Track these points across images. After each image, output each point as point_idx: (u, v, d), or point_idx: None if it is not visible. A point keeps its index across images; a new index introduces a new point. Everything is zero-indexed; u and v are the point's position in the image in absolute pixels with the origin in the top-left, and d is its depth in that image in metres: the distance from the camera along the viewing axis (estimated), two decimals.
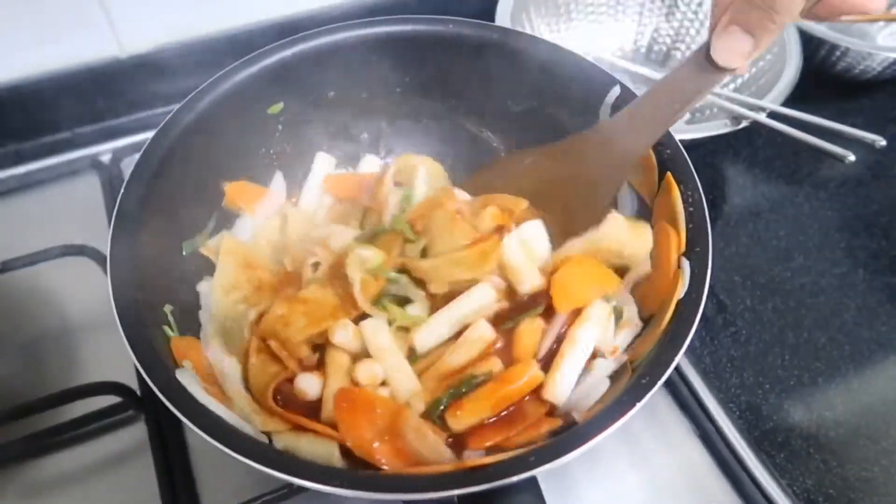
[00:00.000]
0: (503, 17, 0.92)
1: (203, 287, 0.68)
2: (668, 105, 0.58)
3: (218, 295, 0.66)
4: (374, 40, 0.72)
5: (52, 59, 0.89)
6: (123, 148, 0.92)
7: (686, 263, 0.54)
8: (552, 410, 0.58)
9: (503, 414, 0.57)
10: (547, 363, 0.59)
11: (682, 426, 0.72)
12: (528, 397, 0.58)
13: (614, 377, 0.57)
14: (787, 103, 0.86)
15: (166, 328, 0.59)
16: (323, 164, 0.77)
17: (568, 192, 0.67)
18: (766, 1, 0.47)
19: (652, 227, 0.61)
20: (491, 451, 0.54)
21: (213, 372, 0.60)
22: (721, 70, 0.53)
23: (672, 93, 0.57)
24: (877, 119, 1.02)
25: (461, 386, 0.58)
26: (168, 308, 0.61)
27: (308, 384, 0.60)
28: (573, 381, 0.58)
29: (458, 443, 0.57)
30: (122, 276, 0.54)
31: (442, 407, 0.57)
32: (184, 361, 0.56)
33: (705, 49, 0.53)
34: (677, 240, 0.55)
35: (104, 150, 0.93)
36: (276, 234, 0.73)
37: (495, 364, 0.59)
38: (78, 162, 0.92)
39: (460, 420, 0.56)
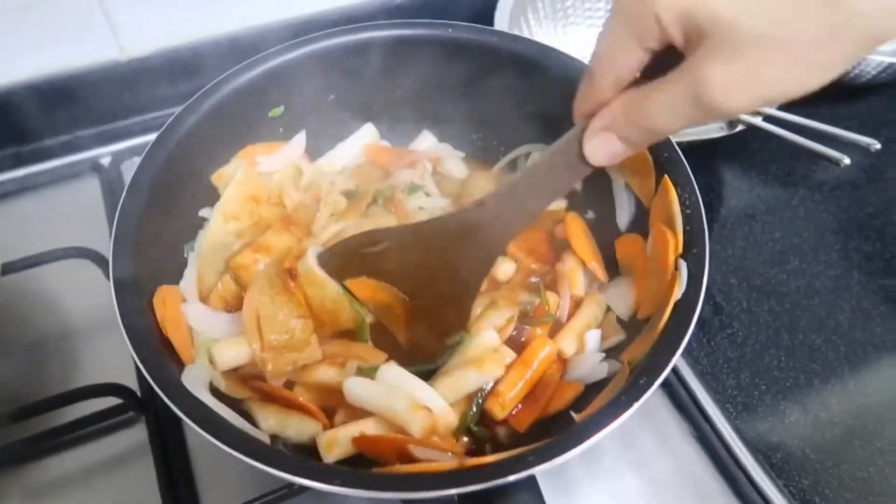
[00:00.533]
0: (502, 21, 0.93)
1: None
2: (539, 192, 0.55)
3: (217, 222, 0.68)
4: (374, 44, 0.73)
5: (52, 63, 0.90)
6: (123, 151, 0.92)
7: (683, 265, 0.54)
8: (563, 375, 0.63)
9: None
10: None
11: (680, 427, 0.72)
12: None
13: (612, 377, 0.58)
14: (782, 107, 0.87)
15: None
16: (367, 132, 0.80)
17: (430, 282, 0.63)
18: (646, 126, 0.44)
19: (650, 228, 0.61)
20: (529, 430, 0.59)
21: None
22: (591, 165, 0.50)
23: (544, 180, 0.54)
24: (872, 122, 1.03)
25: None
26: None
27: None
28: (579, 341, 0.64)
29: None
30: (125, 278, 0.55)
31: (474, 409, 0.59)
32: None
33: (576, 139, 0.49)
34: (674, 242, 0.56)
35: (104, 153, 0.93)
36: (288, 179, 0.75)
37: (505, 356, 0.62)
38: (78, 165, 0.92)
39: (504, 406, 0.59)
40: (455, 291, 0.62)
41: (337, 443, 0.56)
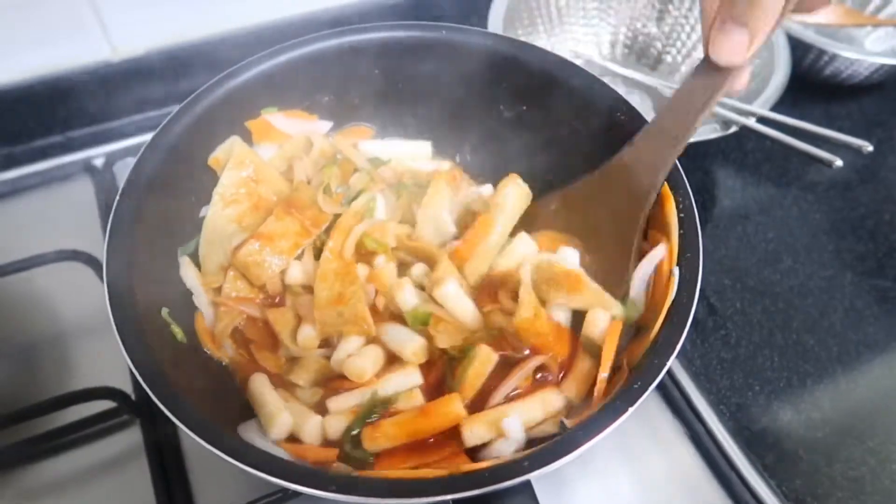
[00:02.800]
0: (496, 21, 0.93)
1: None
2: (682, 119, 0.58)
3: (217, 207, 0.67)
4: (368, 46, 0.72)
5: (44, 63, 0.89)
6: (116, 151, 0.92)
7: (676, 271, 0.54)
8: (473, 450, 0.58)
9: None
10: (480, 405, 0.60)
11: (674, 427, 0.73)
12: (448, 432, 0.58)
13: (610, 377, 0.57)
14: (776, 108, 0.87)
15: (173, 328, 0.61)
16: (419, 147, 0.79)
17: (599, 230, 0.66)
18: None
19: (645, 235, 0.62)
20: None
21: None
22: (724, 70, 0.53)
23: (684, 106, 0.58)
24: (864, 123, 1.03)
25: (373, 409, 0.60)
26: (165, 311, 0.61)
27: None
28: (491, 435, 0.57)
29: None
30: (119, 282, 0.55)
31: (355, 432, 0.59)
32: None
33: (705, 55, 0.54)
34: (669, 250, 0.56)
35: (97, 154, 0.92)
36: (299, 151, 0.74)
37: (417, 398, 0.60)
38: (71, 166, 0.92)
39: (375, 442, 0.58)
40: (621, 235, 0.63)
41: (385, 435, 0.57)
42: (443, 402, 0.58)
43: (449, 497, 0.44)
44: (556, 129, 0.72)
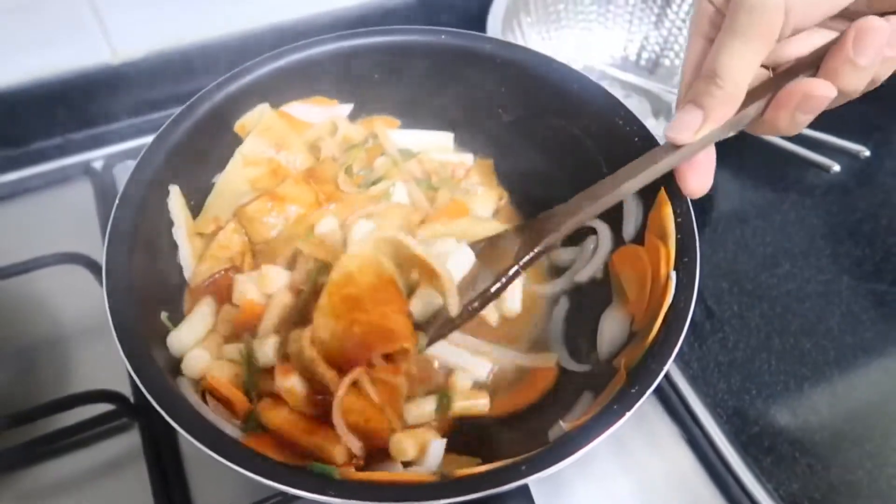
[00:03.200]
0: (494, 26, 0.93)
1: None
2: (615, 181, 0.57)
3: (236, 163, 0.69)
4: (367, 50, 0.73)
5: (44, 65, 0.89)
6: (116, 154, 0.92)
7: (673, 276, 0.55)
8: None
9: None
10: None
11: (671, 431, 0.73)
12: None
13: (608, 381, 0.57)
14: None
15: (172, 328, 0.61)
16: (443, 138, 0.80)
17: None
18: (708, 68, 0.48)
19: (641, 241, 0.62)
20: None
21: None
22: (678, 149, 0.53)
23: (636, 168, 0.56)
24: (861, 127, 1.03)
25: None
26: (164, 315, 0.61)
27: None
28: None
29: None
30: (118, 286, 0.55)
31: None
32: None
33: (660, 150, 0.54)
34: (667, 254, 0.56)
35: (96, 157, 0.93)
36: (325, 134, 0.75)
37: None
38: (70, 168, 0.92)
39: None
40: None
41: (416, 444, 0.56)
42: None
43: (447, 501, 0.45)
44: (554, 132, 0.72)
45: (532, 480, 0.45)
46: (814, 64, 0.50)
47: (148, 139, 0.64)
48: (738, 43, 0.47)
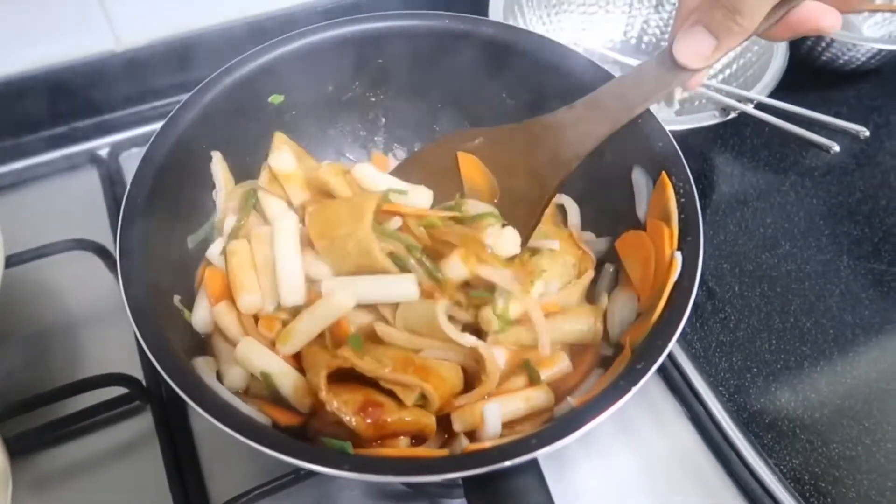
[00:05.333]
0: (496, 10, 0.93)
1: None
2: (626, 99, 0.59)
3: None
4: (370, 36, 0.73)
5: (48, 54, 0.89)
6: (121, 142, 0.93)
7: (678, 256, 0.56)
8: None
9: None
10: None
11: (674, 409, 0.74)
12: None
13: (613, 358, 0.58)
14: (774, 93, 0.88)
15: (186, 315, 0.62)
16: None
17: (515, 179, 0.66)
18: (730, 4, 0.48)
19: (634, 226, 0.63)
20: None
21: None
22: (682, 70, 0.54)
23: (632, 87, 0.59)
24: (861, 108, 1.04)
25: None
26: (177, 298, 0.62)
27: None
28: None
29: None
30: (132, 269, 0.55)
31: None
32: None
33: (668, 51, 0.54)
34: (670, 235, 0.57)
35: (102, 145, 0.93)
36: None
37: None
38: (76, 156, 0.92)
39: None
40: (533, 193, 0.64)
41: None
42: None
43: (458, 475, 0.46)
44: None
45: (542, 454, 0.46)
46: None
47: (153, 126, 0.65)
48: None
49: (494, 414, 0.56)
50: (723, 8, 0.48)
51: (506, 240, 0.63)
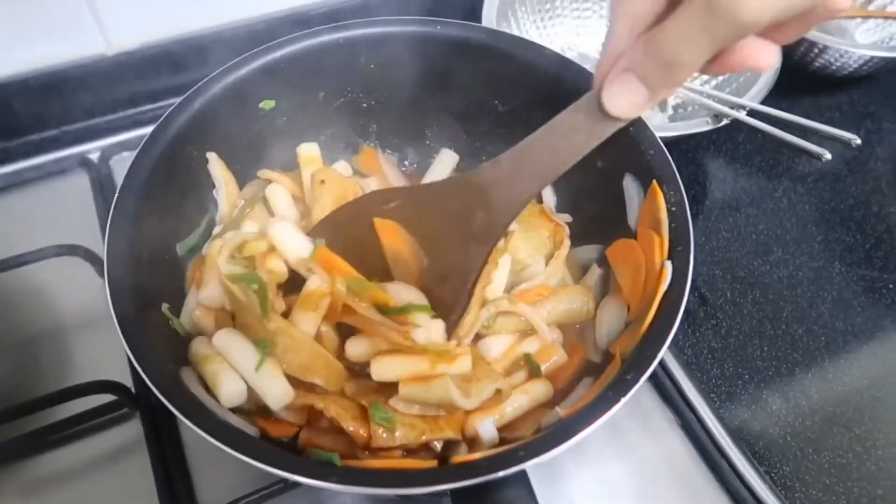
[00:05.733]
0: (489, 16, 0.93)
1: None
2: (557, 153, 0.53)
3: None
4: (361, 42, 0.73)
5: (38, 57, 0.89)
6: (112, 146, 0.92)
7: (668, 266, 0.56)
8: None
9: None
10: None
11: (665, 416, 0.74)
12: None
13: (603, 367, 0.59)
14: (766, 99, 0.88)
15: (174, 321, 0.62)
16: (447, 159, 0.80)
17: (440, 247, 0.61)
18: (666, 59, 0.42)
19: (637, 231, 0.63)
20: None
21: None
22: (613, 119, 0.49)
23: (563, 140, 0.52)
24: (853, 114, 1.05)
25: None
26: (166, 306, 0.62)
27: None
28: None
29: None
30: (119, 278, 0.55)
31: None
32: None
33: (595, 97, 0.48)
34: (660, 244, 0.57)
35: (92, 149, 0.92)
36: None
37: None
38: (66, 160, 0.92)
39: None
40: (460, 262, 0.59)
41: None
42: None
43: (446, 487, 0.46)
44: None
45: (530, 466, 0.46)
46: None
47: (144, 130, 0.64)
48: (701, 38, 0.40)
49: (488, 429, 0.56)
50: (657, 63, 0.43)
51: (434, 333, 0.59)
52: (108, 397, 0.68)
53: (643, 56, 0.43)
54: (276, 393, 0.56)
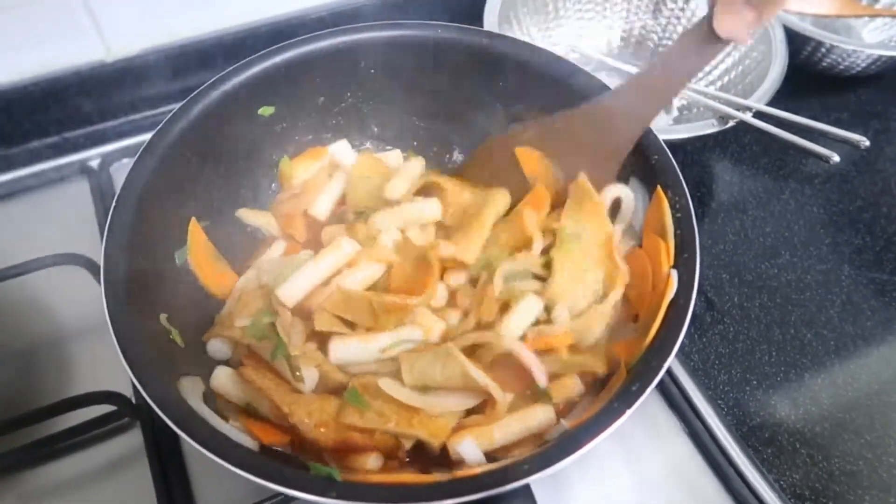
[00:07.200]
0: (491, 18, 0.92)
1: None
2: (672, 77, 0.60)
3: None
4: (363, 46, 0.72)
5: (39, 64, 0.89)
6: (112, 152, 0.91)
7: (674, 274, 0.55)
8: None
9: None
10: None
11: (672, 423, 0.73)
12: None
13: (608, 377, 0.58)
14: (773, 99, 0.87)
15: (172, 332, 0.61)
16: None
17: (571, 166, 0.67)
18: None
19: (642, 237, 0.62)
20: None
21: None
22: (723, 42, 0.54)
23: (677, 64, 0.59)
24: (860, 114, 1.03)
25: None
26: (164, 317, 0.61)
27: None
28: None
29: None
30: (116, 288, 0.55)
31: None
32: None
33: (706, 22, 0.54)
34: (667, 251, 0.56)
35: (93, 155, 0.92)
36: None
37: None
38: (67, 167, 0.91)
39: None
40: (593, 176, 0.65)
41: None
42: None
43: (450, 502, 0.45)
44: None
45: (533, 480, 0.45)
46: None
47: (144, 137, 0.64)
48: None
49: (470, 450, 0.55)
50: None
51: None
52: (107, 408, 0.68)
53: None
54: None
